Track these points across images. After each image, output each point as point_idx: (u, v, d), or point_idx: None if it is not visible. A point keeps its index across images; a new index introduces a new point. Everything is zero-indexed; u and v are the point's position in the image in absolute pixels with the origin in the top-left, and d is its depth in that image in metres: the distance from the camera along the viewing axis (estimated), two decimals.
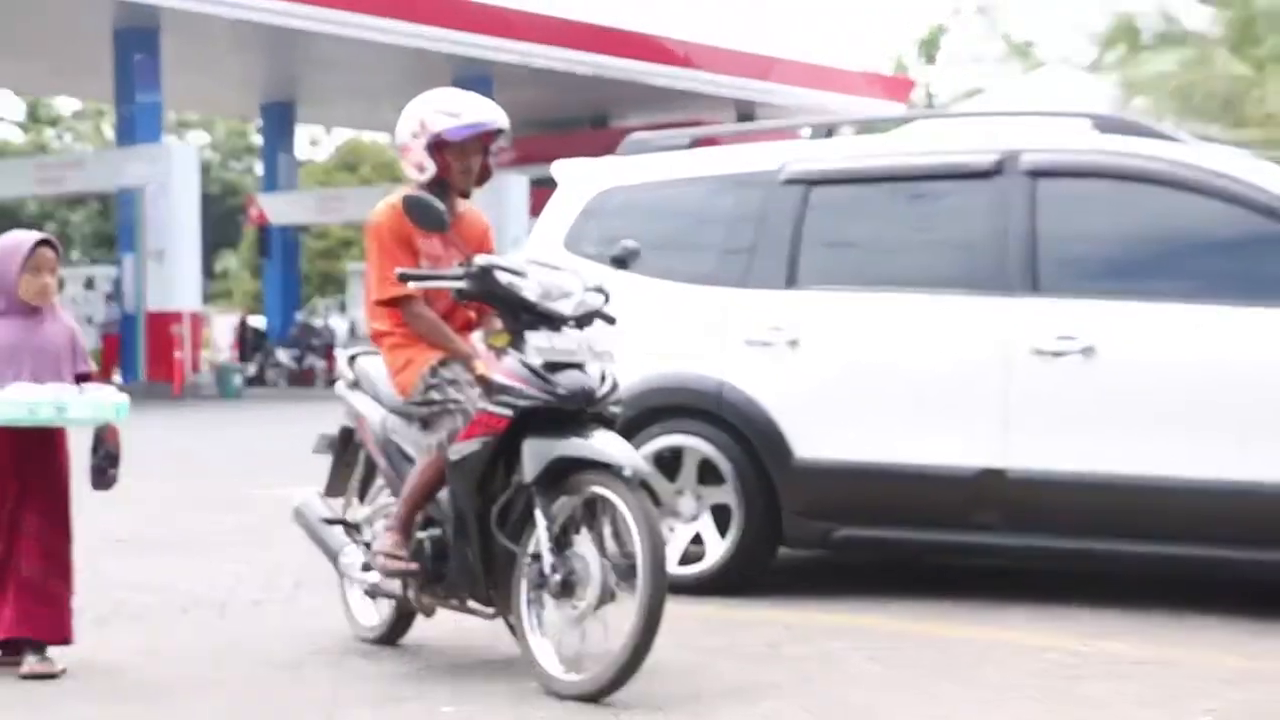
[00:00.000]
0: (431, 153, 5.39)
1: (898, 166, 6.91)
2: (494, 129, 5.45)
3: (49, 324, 5.29)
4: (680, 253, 7.10)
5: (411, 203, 5.21)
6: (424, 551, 5.26)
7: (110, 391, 5.29)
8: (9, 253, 5.25)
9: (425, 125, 5.40)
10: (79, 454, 5.37)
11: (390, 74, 32.83)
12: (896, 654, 5.56)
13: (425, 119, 5.40)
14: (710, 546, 6.80)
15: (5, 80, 40.82)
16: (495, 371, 5.09)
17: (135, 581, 7.19)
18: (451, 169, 5.44)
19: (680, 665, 5.35)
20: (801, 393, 6.70)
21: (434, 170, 5.41)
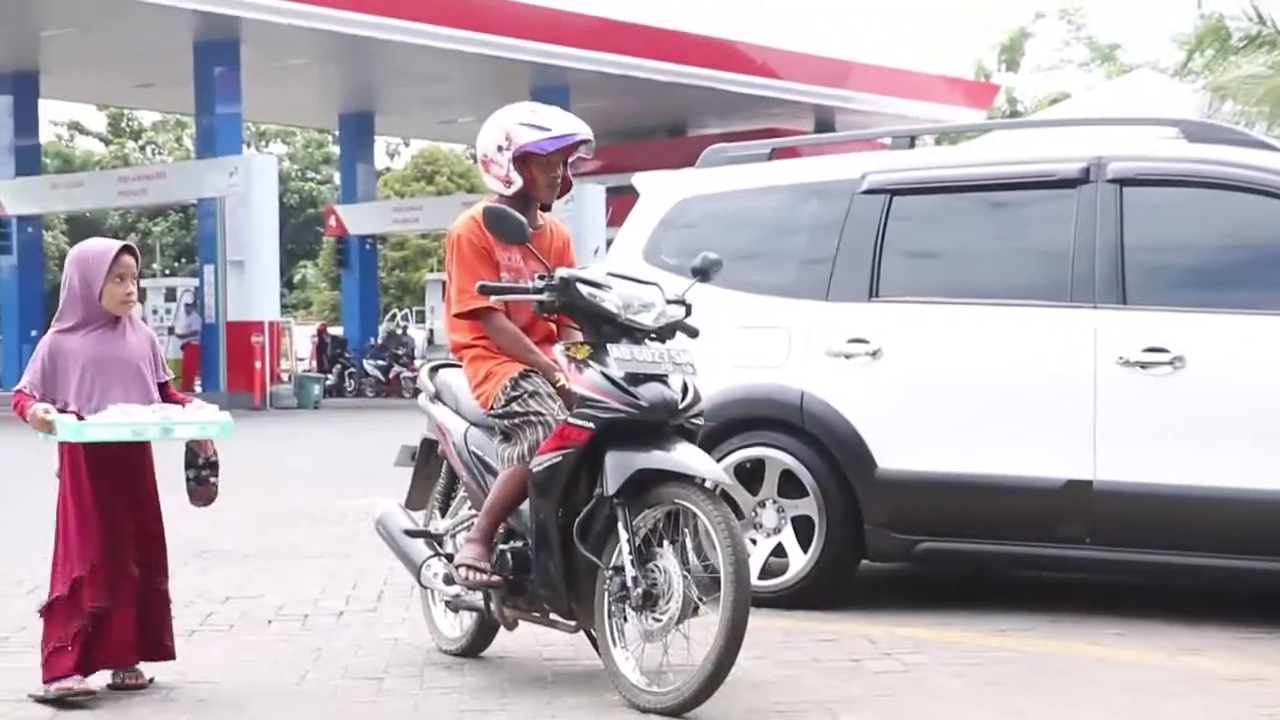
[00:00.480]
0: (518, 166, 5.44)
1: (981, 175, 6.88)
2: (581, 141, 5.49)
3: (130, 334, 5.22)
4: (760, 264, 7.11)
5: (492, 215, 5.26)
6: (506, 564, 5.30)
7: (212, 410, 5.26)
8: (95, 260, 5.16)
9: (512, 139, 5.45)
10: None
11: (468, 84, 33.05)
12: (981, 669, 5.54)
13: (511, 132, 5.45)
14: (792, 559, 6.80)
15: (88, 93, 41.44)
16: (577, 384, 5.12)
17: (220, 593, 7.29)
18: (537, 182, 5.49)
19: (763, 678, 5.37)
20: (884, 404, 6.68)
21: (521, 184, 5.46)
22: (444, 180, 53.48)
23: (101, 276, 5.12)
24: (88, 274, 5.13)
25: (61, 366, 5.09)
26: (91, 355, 5.10)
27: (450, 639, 5.91)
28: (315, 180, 63.97)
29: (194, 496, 5.35)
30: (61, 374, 5.08)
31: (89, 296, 5.13)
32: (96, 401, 5.03)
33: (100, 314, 5.14)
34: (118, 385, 5.09)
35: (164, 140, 62.07)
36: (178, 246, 59.19)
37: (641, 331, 5.22)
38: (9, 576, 7.85)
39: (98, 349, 5.11)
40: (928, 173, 7.00)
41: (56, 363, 5.10)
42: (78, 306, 5.14)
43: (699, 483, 4.96)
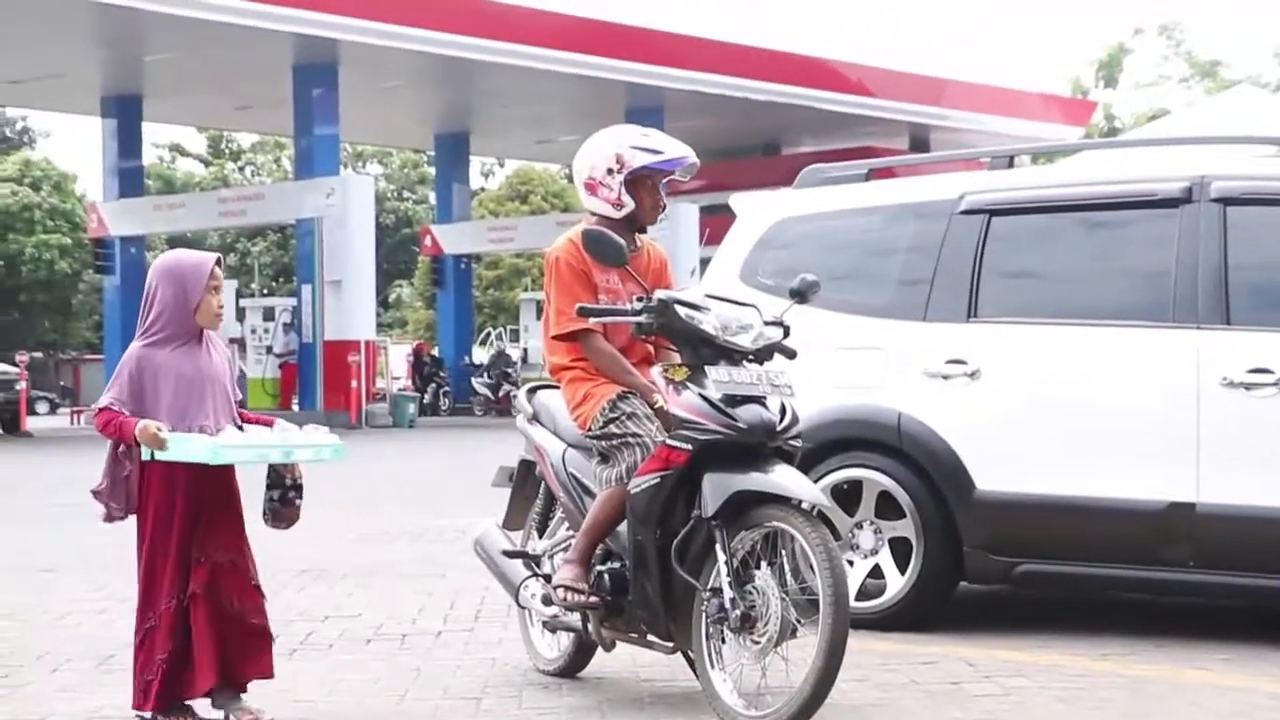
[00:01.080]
0: (629, 188, 5.49)
1: (1081, 195, 6.83)
2: (692, 162, 5.56)
3: (215, 351, 5.00)
4: (858, 284, 7.09)
5: (591, 238, 5.29)
6: (604, 585, 5.32)
7: (324, 433, 5.06)
8: (193, 272, 4.92)
9: (625, 162, 5.49)
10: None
11: (563, 104, 33.27)
12: (1084, 693, 5.48)
13: (624, 155, 5.49)
14: (890, 581, 6.77)
15: (189, 115, 42.13)
16: (675, 405, 5.13)
17: (319, 613, 7.37)
18: (644, 204, 5.53)
19: (862, 701, 5.34)
20: (983, 425, 6.64)
21: (633, 205, 5.50)
22: (538, 200, 53.78)
23: (201, 289, 4.89)
24: (186, 286, 4.89)
25: (150, 382, 4.83)
26: (184, 372, 4.87)
27: (548, 659, 5.94)
28: (411, 200, 64.57)
29: (276, 518, 5.14)
30: (151, 390, 4.83)
31: (184, 309, 4.89)
32: (189, 420, 4.82)
33: (191, 329, 4.90)
34: (208, 404, 4.89)
35: (262, 161, 62.96)
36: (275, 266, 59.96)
37: (739, 353, 5.23)
38: (116, 594, 7.98)
39: (189, 365, 4.88)
40: (1026, 193, 6.95)
41: (145, 377, 4.84)
42: (170, 319, 4.88)
43: (796, 504, 4.96)
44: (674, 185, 5.89)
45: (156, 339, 4.88)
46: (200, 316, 4.91)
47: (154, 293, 4.91)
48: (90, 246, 37.28)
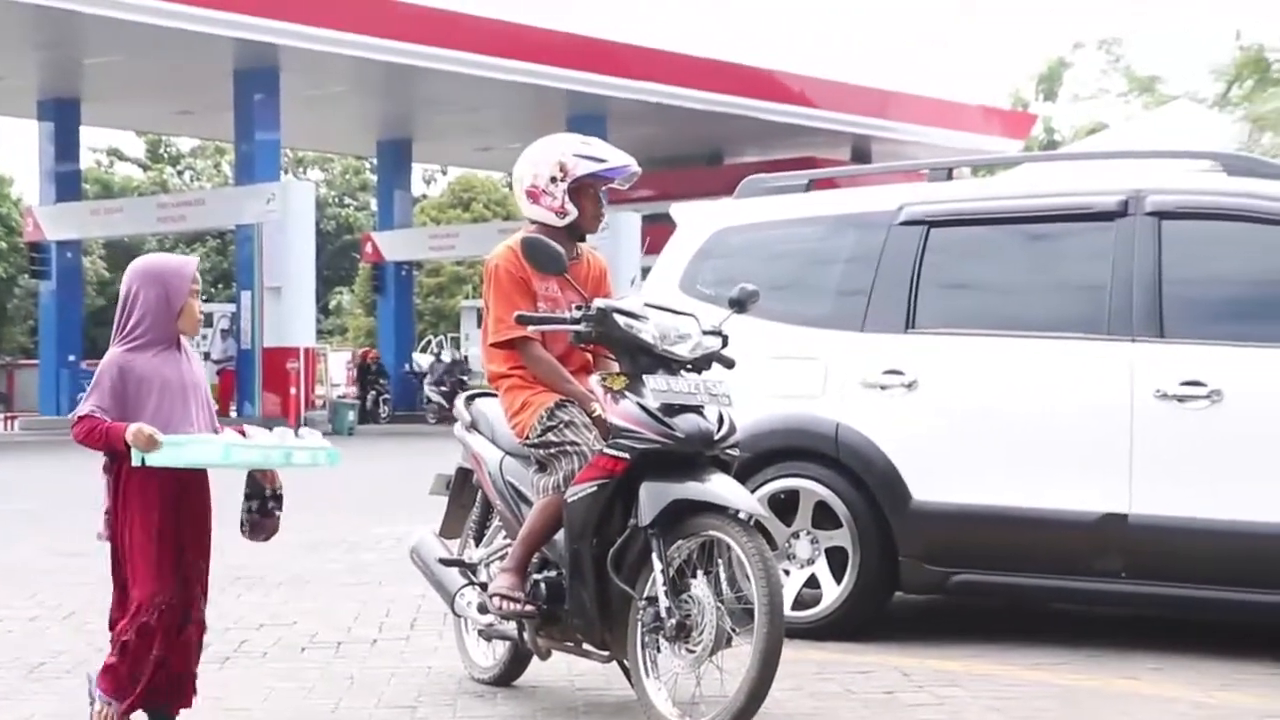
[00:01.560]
0: (572, 196, 5.50)
1: (1019, 208, 6.89)
2: (634, 170, 5.61)
3: (190, 357, 4.81)
4: (797, 295, 7.12)
5: (530, 246, 5.29)
6: (540, 593, 5.32)
7: (319, 437, 4.86)
8: (176, 276, 4.73)
9: (568, 170, 5.50)
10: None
11: (506, 112, 33.21)
12: (1017, 703, 5.52)
13: (567, 164, 5.50)
14: (826, 590, 6.79)
15: (128, 120, 41.80)
16: (613, 414, 5.14)
17: (254, 620, 7.33)
18: (586, 212, 5.55)
19: (796, 710, 5.37)
20: (920, 436, 6.69)
21: (576, 214, 5.51)
22: (480, 207, 53.68)
23: (184, 293, 4.70)
24: (169, 290, 4.68)
25: (134, 388, 4.61)
26: (167, 378, 4.66)
27: (483, 668, 5.93)
28: (353, 207, 64.30)
29: (255, 530, 4.91)
30: (134, 396, 4.60)
31: (167, 314, 4.68)
32: (174, 429, 4.58)
33: (172, 334, 4.70)
34: (192, 411, 4.69)
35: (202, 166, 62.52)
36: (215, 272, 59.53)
37: (677, 362, 5.25)
38: (47, 603, 7.91)
39: (173, 371, 4.68)
40: (965, 205, 7.01)
41: (128, 384, 4.61)
42: (152, 324, 4.67)
43: (733, 514, 4.97)
44: (617, 194, 5.91)
45: (137, 344, 4.66)
46: (182, 321, 4.71)
47: (134, 296, 4.69)
48: (26, 251, 36.88)
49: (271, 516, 4.92)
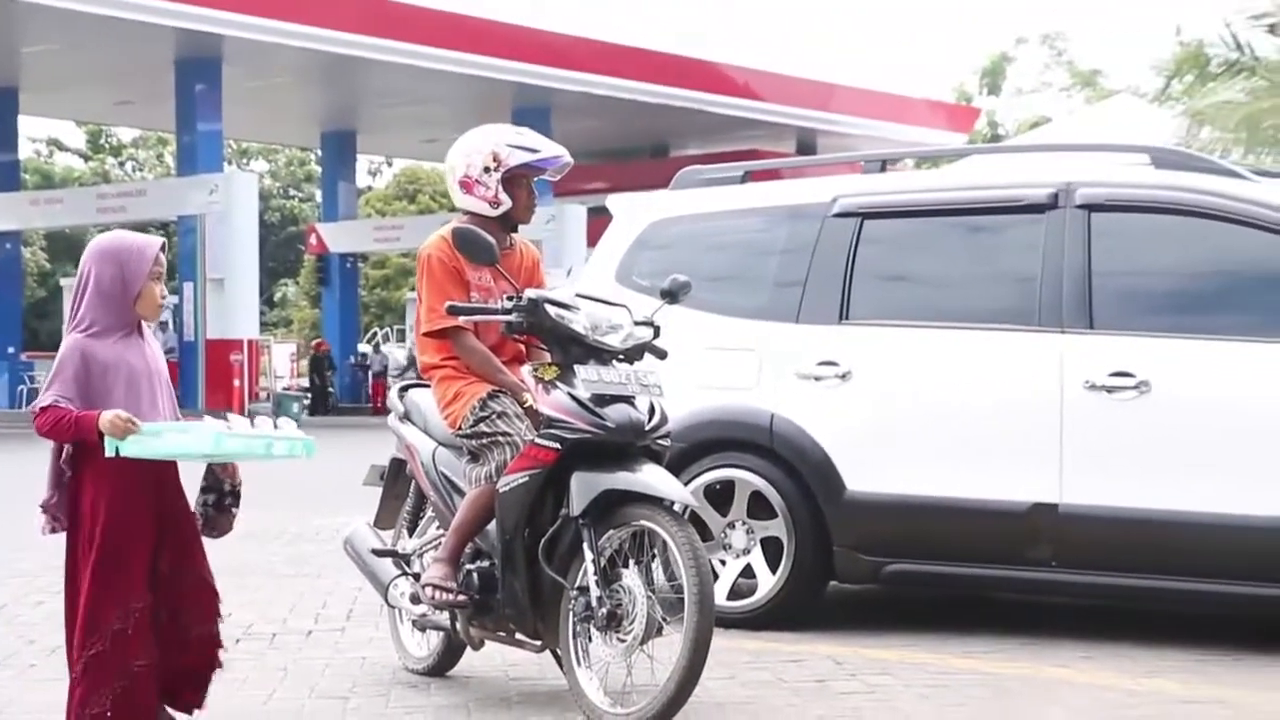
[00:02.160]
0: (505, 186, 5.51)
1: (951, 200, 6.94)
2: (567, 161, 5.63)
3: (150, 343, 4.55)
4: (732, 286, 7.15)
5: (462, 236, 5.30)
6: (472, 583, 5.33)
7: (294, 428, 4.65)
8: (136, 257, 4.43)
9: (501, 160, 5.51)
10: None
11: (451, 104, 33.13)
12: (947, 690, 5.57)
13: (500, 154, 5.51)
14: (761, 580, 6.83)
15: (68, 110, 41.44)
16: (544, 404, 5.16)
17: None
18: (520, 202, 5.56)
19: (728, 699, 5.40)
20: (853, 427, 6.73)
21: (510, 204, 5.52)
22: (426, 199, 53.53)
23: (143, 276, 4.41)
24: (126, 272, 4.39)
25: (100, 377, 4.33)
26: (133, 365, 4.40)
27: (417, 658, 5.93)
28: (297, 198, 63.98)
29: (209, 525, 4.63)
30: (100, 385, 4.31)
31: (123, 297, 4.39)
32: (141, 417, 4.29)
33: (130, 318, 4.42)
34: (159, 400, 4.43)
35: (144, 157, 62.04)
36: None
37: (609, 353, 5.27)
38: None
39: (135, 358, 4.41)
40: (898, 197, 7.06)
41: (92, 371, 4.32)
42: (108, 308, 4.38)
43: (664, 504, 5.00)
44: (563, 187, 5.94)
45: (95, 330, 4.36)
46: (141, 305, 4.42)
47: (87, 277, 4.41)
48: None
49: (227, 513, 4.68)
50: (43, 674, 5.92)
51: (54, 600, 7.65)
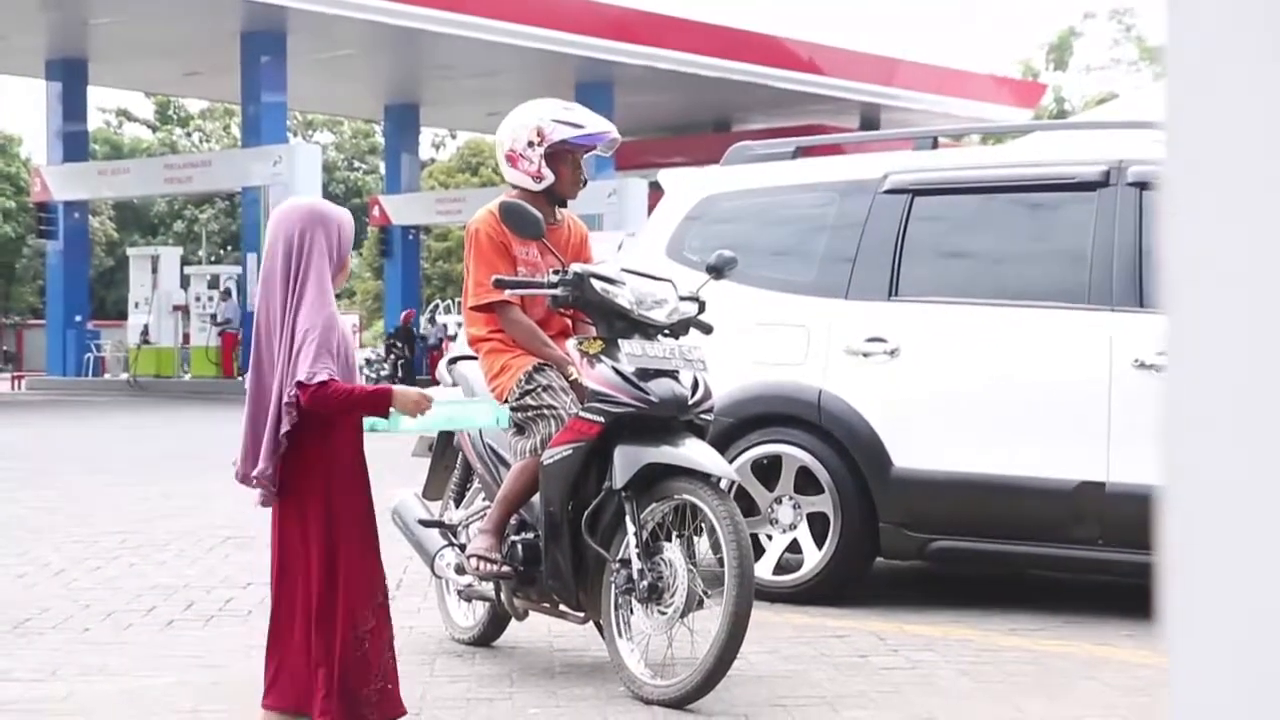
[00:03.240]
0: (550, 162, 5.53)
1: (1001, 177, 6.91)
2: (613, 138, 5.60)
3: None
4: (782, 261, 7.17)
5: (509, 210, 5.34)
6: (516, 555, 5.38)
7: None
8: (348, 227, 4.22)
9: (545, 135, 5.53)
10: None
11: (514, 77, 33.19)
12: (989, 667, 5.58)
13: (544, 129, 5.53)
14: (807, 555, 6.85)
15: (136, 81, 41.82)
16: (588, 378, 5.20)
17: (241, 579, 7.40)
18: (565, 177, 5.57)
19: (769, 672, 5.43)
20: (901, 403, 6.73)
21: (553, 179, 5.54)
22: (489, 172, 53.69)
23: (350, 243, 4.25)
24: (344, 240, 4.19)
25: (341, 346, 4.12)
26: (345, 333, 4.20)
27: (463, 628, 6.00)
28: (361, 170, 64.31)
29: None
30: (341, 355, 4.10)
31: (341, 267, 4.20)
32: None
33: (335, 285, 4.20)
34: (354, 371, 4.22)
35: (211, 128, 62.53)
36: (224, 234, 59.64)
37: (654, 327, 5.30)
38: (39, 560, 7.99)
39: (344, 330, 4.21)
40: (949, 174, 7.04)
41: (335, 340, 4.08)
42: (335, 278, 4.16)
43: (707, 478, 5.03)
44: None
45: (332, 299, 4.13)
46: (343, 274, 4.23)
47: (313, 245, 4.11)
48: (34, 211, 36.97)
49: None
50: (96, 637, 6.03)
51: (111, 565, 7.79)
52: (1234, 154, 0.79)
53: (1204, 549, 0.81)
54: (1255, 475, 0.78)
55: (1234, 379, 0.79)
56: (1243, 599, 0.79)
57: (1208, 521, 0.80)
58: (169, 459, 13.97)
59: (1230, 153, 0.79)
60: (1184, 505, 0.82)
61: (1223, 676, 0.79)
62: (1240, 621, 0.79)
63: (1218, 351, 0.79)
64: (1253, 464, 0.79)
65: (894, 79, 36.95)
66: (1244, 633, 0.78)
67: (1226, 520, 0.79)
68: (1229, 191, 0.79)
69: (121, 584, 7.23)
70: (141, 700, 5.04)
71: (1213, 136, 0.80)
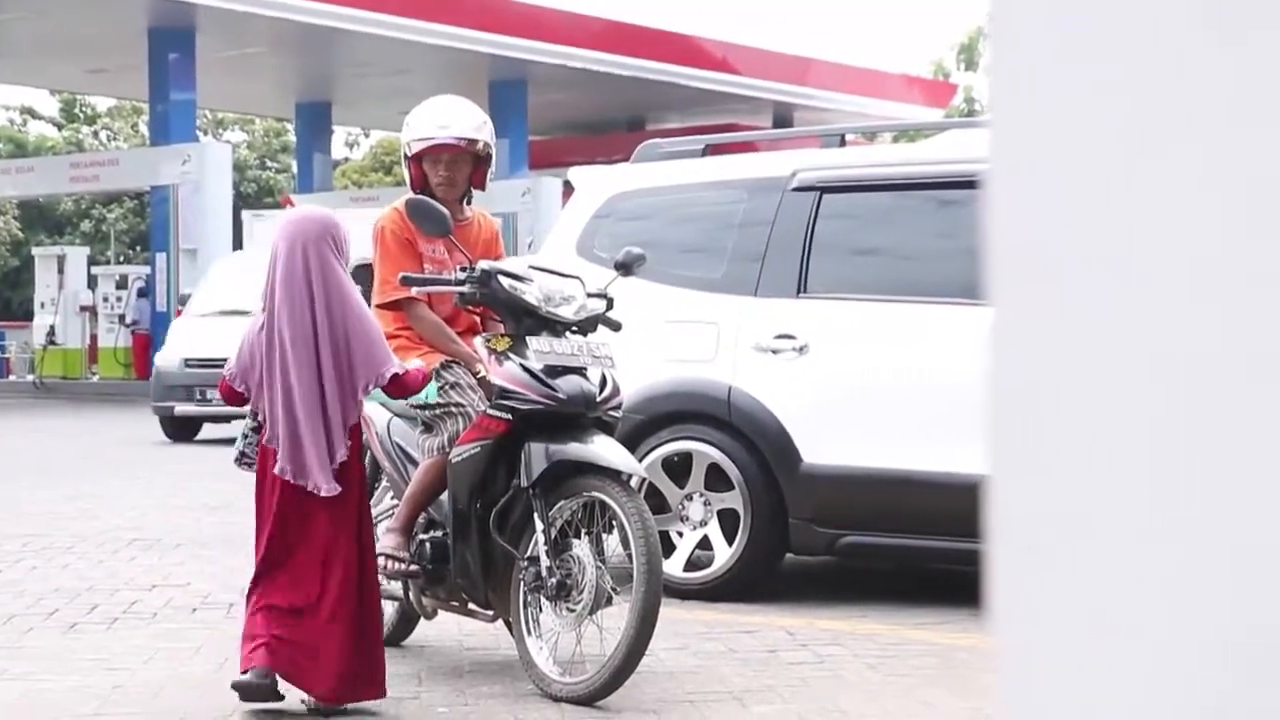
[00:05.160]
0: (408, 164, 5.57)
1: (910, 174, 6.97)
2: (447, 143, 5.54)
3: None
4: (692, 259, 7.19)
5: (414, 207, 5.33)
6: (425, 553, 5.37)
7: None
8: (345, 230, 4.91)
9: (404, 138, 5.59)
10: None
11: (427, 75, 32.99)
12: (897, 661, 5.63)
13: (404, 131, 5.60)
14: (718, 552, 6.88)
15: (41, 78, 41.23)
16: (496, 375, 5.19)
17: (146, 581, 7.32)
18: (429, 180, 5.57)
19: (678, 669, 5.45)
20: (810, 400, 6.78)
21: (408, 181, 5.59)
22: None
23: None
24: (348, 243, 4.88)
25: None
26: None
27: None
28: (273, 169, 63.76)
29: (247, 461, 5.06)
30: None
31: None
32: None
33: None
34: None
35: (119, 126, 61.75)
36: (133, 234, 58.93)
37: (562, 324, 5.30)
38: None
39: None
40: (858, 171, 7.09)
41: None
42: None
43: (615, 475, 5.04)
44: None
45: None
46: None
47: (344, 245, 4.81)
48: None
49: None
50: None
51: (12, 569, 7.68)
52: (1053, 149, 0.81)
53: (1028, 542, 0.82)
54: (1075, 467, 0.80)
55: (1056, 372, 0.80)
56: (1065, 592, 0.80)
57: (1032, 515, 0.82)
58: (74, 461, 13.81)
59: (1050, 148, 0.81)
60: (1008, 498, 0.84)
61: (1049, 670, 0.81)
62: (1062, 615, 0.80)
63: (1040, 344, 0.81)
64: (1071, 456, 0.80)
65: (807, 78, 37.13)
66: (1066, 626, 0.80)
67: (1050, 513, 0.81)
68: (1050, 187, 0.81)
69: (24, 587, 7.13)
70: (41, 704, 4.97)
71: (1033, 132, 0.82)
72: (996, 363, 0.83)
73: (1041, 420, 0.80)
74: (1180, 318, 0.76)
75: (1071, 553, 0.79)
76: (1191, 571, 0.76)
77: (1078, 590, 0.79)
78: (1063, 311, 0.79)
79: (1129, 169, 0.78)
